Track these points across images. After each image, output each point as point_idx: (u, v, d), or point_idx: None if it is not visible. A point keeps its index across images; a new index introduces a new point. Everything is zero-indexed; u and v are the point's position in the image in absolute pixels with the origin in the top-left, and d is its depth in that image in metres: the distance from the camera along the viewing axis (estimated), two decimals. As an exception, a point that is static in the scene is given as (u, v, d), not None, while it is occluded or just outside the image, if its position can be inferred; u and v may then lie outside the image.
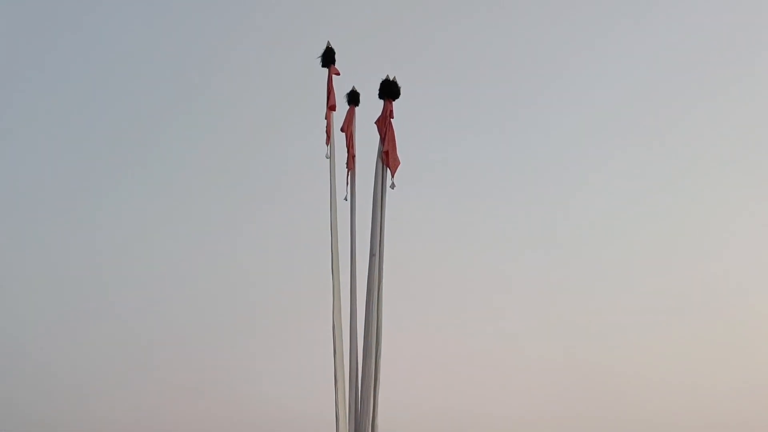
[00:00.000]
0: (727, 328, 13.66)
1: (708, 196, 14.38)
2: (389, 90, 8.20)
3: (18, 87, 15.35)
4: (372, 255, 7.84)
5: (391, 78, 8.23)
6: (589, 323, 13.78)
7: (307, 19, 14.81)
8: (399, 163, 8.11)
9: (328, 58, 8.47)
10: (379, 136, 8.20)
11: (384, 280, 7.83)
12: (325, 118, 8.40)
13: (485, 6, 15.31)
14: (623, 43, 15.19)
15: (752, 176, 14.44)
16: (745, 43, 14.78)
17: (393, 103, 8.21)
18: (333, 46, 8.49)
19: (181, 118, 15.51)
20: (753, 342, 13.53)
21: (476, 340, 13.87)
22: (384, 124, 8.18)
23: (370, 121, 8.29)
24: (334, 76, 8.48)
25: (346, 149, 8.39)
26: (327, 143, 8.28)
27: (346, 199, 8.18)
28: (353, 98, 8.50)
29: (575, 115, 15.22)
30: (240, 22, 15.63)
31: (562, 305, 14.00)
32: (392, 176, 8.06)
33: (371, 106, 8.29)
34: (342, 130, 8.39)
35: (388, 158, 8.08)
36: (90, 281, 14.32)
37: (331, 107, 8.43)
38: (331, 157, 8.23)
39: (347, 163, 8.35)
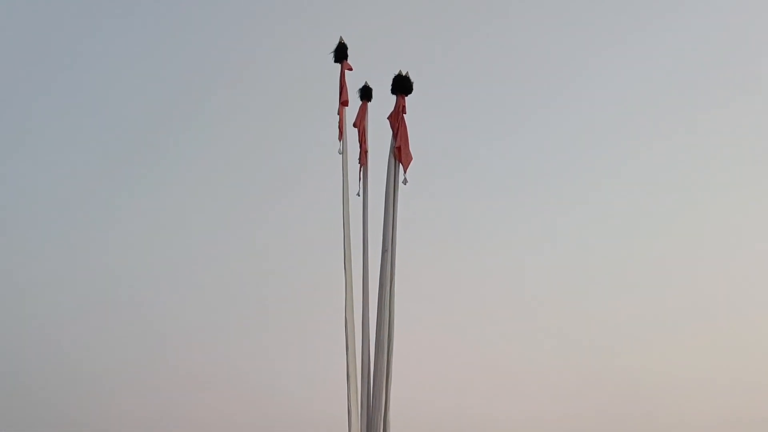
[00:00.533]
0: (736, 330, 13.59)
1: (720, 198, 14.30)
2: (402, 85, 8.18)
3: (37, 89, 15.50)
4: (384, 250, 7.83)
5: (403, 73, 8.20)
6: (598, 325, 13.74)
7: (320, 15, 14.80)
8: (411, 158, 8.08)
9: (341, 53, 8.46)
10: (391, 132, 8.19)
11: (396, 276, 7.81)
12: (338, 114, 8.39)
13: (500, 2, 15.27)
14: (637, 46, 15.15)
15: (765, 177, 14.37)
16: (757, 48, 14.68)
17: (406, 98, 8.19)
18: (346, 41, 8.48)
19: (194, 115, 15.56)
20: (759, 344, 13.47)
21: (488, 336, 13.86)
22: (396, 119, 8.15)
23: (382, 116, 8.27)
24: (346, 71, 8.48)
25: (358, 144, 8.38)
26: (339, 139, 8.27)
27: (358, 194, 8.16)
28: (366, 94, 8.47)
29: (591, 114, 15.16)
30: (253, 17, 15.65)
31: (574, 305, 13.96)
32: (405, 172, 8.03)
33: (384, 101, 8.28)
34: (354, 125, 8.37)
35: (400, 154, 8.06)
36: (107, 278, 14.48)
37: (343, 102, 8.42)
38: (343, 152, 8.22)
39: (360, 159, 8.33)
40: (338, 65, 8.47)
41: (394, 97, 8.25)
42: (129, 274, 14.53)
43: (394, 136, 8.14)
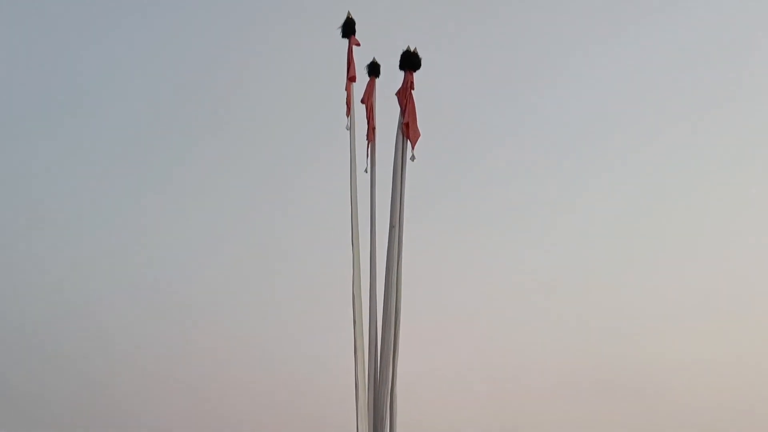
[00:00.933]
0: (747, 324, 13.59)
1: (726, 190, 14.24)
2: (410, 61, 8.16)
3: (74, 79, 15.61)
4: (392, 226, 7.89)
5: (411, 49, 8.19)
6: (608, 310, 13.78)
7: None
8: (419, 135, 8.10)
9: (349, 28, 8.43)
10: (399, 108, 8.19)
11: (403, 251, 7.87)
12: (345, 90, 8.39)
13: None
14: (642, 35, 15.02)
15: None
16: (753, 41, 14.55)
17: (414, 74, 8.19)
18: (353, 16, 8.46)
19: (203, 94, 15.54)
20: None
21: (495, 315, 13.94)
22: (404, 95, 8.16)
23: (390, 92, 8.27)
24: (354, 46, 8.46)
25: (366, 121, 8.39)
26: (347, 115, 8.28)
27: (366, 170, 8.19)
28: (373, 70, 8.46)
29: (603, 96, 15.05)
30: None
31: (583, 296, 13.99)
32: (412, 148, 8.06)
33: (392, 77, 8.27)
34: (362, 101, 8.38)
35: (408, 130, 8.07)
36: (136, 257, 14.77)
37: (351, 78, 8.40)
38: (351, 128, 8.23)
39: (367, 135, 8.34)
40: (346, 40, 8.46)
41: (402, 73, 8.25)
42: (154, 249, 14.83)
43: (402, 112, 8.15)
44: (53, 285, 14.39)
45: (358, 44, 8.45)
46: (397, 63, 8.23)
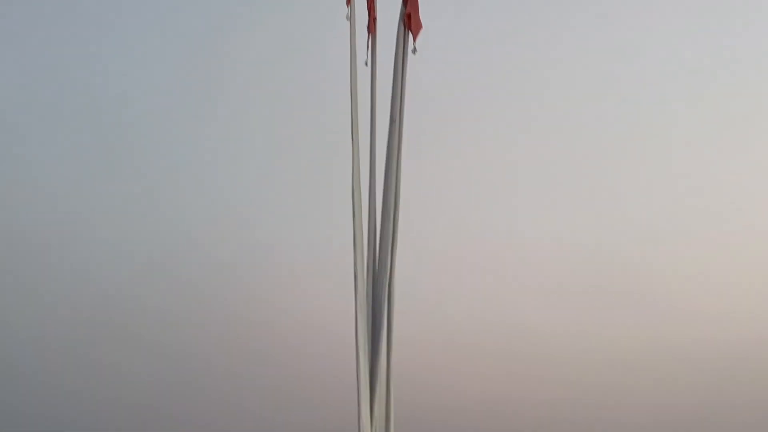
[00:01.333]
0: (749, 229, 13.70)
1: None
2: (412, -51, 7.92)
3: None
4: (392, 121, 7.86)
5: (414, -64, 7.91)
6: (607, 222, 13.88)
7: None
8: (421, 26, 7.93)
9: None
10: (401, -1, 8.01)
11: (403, 145, 7.88)
12: (346, -22, 8.15)
13: None
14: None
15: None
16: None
17: (416, -37, 7.94)
18: None
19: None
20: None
21: (495, 205, 14.10)
22: (407, -15, 7.95)
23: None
24: (355, -68, 8.15)
25: (367, 12, 8.19)
26: (347, 4, 8.07)
27: (366, 63, 8.08)
28: (375, -43, 8.20)
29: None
30: None
31: (591, 195, 14.03)
32: (414, 41, 7.92)
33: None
34: (363, -9, 8.17)
35: (410, 22, 7.91)
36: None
37: (351, -34, 8.16)
38: (351, 19, 8.03)
39: (368, 26, 8.17)
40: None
41: (404, -38, 8.00)
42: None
43: (404, 2, 7.96)
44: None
45: (358, -71, 8.14)
46: (400, -50, 7.97)
